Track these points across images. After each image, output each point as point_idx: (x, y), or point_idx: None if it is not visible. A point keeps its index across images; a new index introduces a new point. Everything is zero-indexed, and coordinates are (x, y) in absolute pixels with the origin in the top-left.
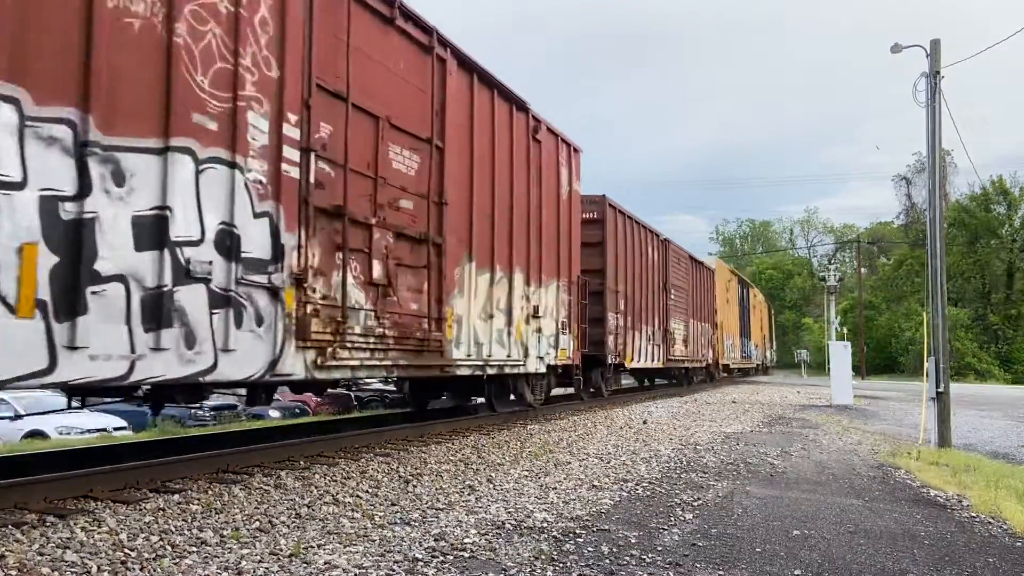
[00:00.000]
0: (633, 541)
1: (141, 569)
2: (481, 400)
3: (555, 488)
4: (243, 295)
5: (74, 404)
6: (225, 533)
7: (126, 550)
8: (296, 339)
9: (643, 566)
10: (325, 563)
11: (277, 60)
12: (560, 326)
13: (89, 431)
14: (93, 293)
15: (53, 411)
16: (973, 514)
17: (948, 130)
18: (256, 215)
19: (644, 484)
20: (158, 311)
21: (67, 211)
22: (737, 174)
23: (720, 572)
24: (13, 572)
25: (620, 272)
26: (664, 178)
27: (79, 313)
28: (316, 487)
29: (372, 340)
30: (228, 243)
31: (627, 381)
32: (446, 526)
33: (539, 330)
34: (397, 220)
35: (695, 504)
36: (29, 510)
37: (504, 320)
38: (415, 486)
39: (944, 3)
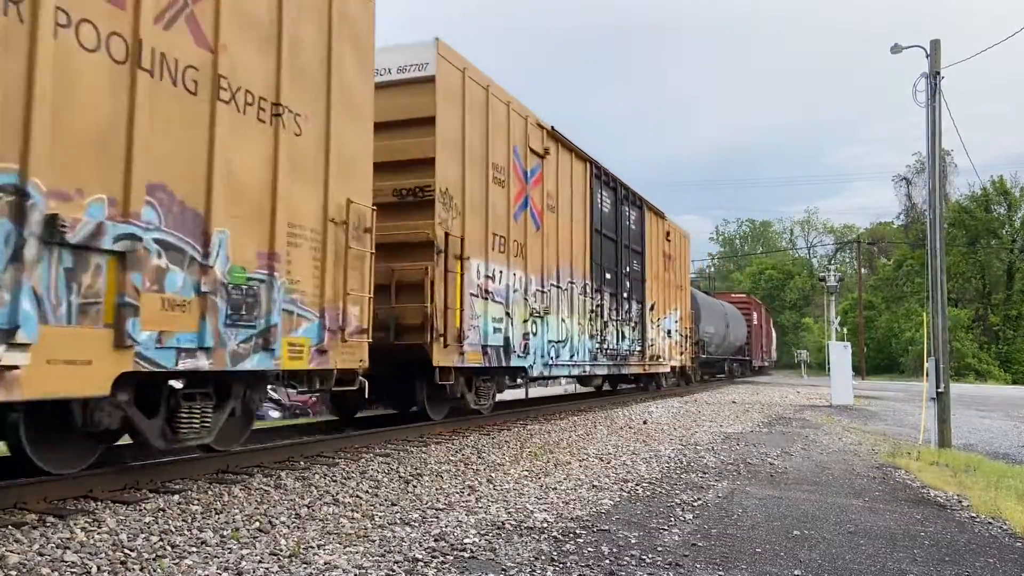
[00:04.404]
0: (633, 541)
1: (141, 569)
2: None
3: (555, 488)
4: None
5: None
6: (225, 533)
7: (126, 550)
8: None
9: (643, 566)
10: (325, 563)
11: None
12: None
13: None
14: None
15: None
16: (973, 514)
17: (948, 130)
18: None
19: (644, 484)
20: None
21: None
22: (742, 175)
23: (720, 572)
24: (13, 573)
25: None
26: (670, 178)
27: None
28: (316, 487)
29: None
30: None
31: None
32: (446, 526)
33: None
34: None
35: (695, 504)
36: (29, 510)
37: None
38: (415, 486)
39: (945, 3)
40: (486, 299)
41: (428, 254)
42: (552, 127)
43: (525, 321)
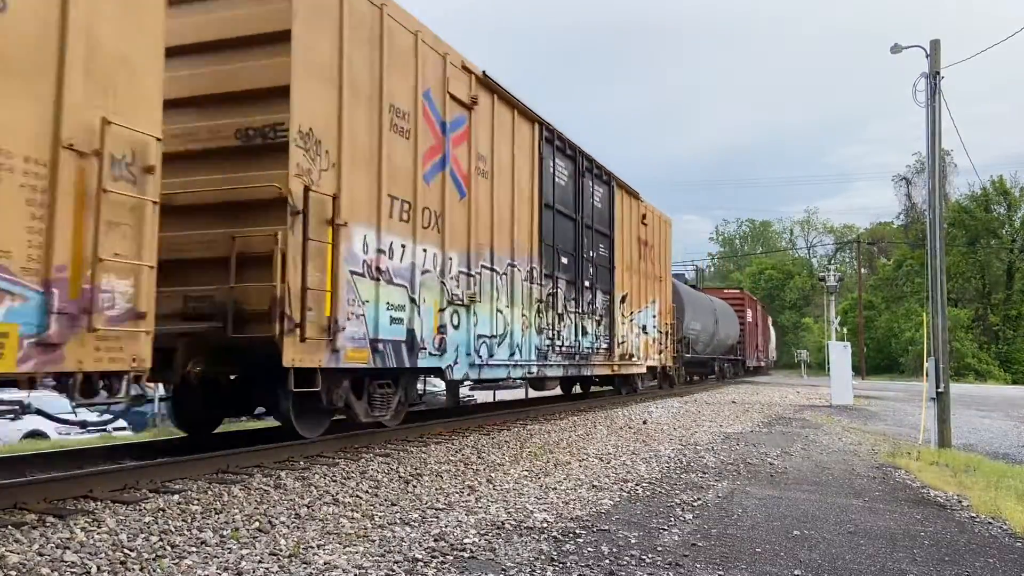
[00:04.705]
0: (633, 541)
1: (141, 569)
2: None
3: (555, 488)
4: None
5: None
6: (225, 533)
7: (126, 550)
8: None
9: (643, 566)
10: (325, 563)
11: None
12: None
13: (90, 431)
14: None
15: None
16: (973, 514)
17: (948, 130)
18: None
19: (644, 484)
20: None
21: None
22: (742, 175)
23: (720, 572)
24: (13, 573)
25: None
26: (670, 178)
27: None
28: (316, 487)
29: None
30: None
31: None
32: (446, 526)
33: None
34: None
35: (695, 504)
36: (29, 510)
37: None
38: (415, 486)
39: (945, 3)
40: (378, 280)
41: (280, 216)
42: (484, 72)
43: (442, 310)
